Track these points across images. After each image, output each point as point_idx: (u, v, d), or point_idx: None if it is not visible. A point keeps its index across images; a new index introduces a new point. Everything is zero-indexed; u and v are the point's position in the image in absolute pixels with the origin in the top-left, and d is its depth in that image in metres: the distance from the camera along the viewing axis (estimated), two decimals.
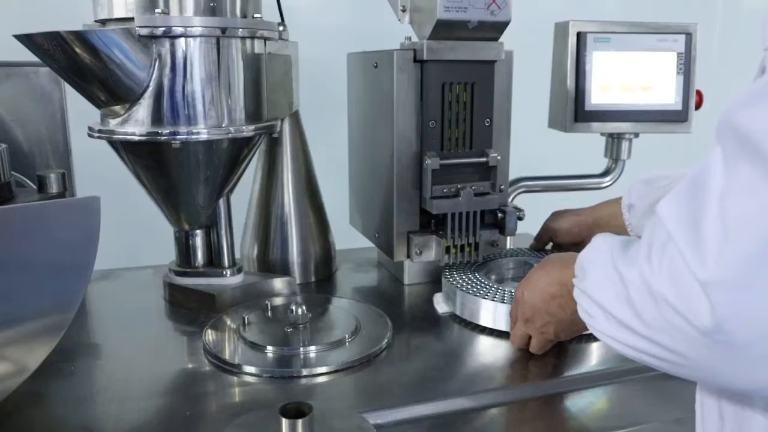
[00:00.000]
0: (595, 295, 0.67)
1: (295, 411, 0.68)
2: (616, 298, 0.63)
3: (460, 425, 0.81)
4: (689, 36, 1.27)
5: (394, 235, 1.14)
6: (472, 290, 1.06)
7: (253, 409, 0.78)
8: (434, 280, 1.26)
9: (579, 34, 1.26)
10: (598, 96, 1.28)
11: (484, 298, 1.03)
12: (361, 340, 0.98)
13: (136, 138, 0.99)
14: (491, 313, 1.02)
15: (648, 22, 1.28)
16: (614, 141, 1.37)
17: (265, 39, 1.09)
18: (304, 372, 0.90)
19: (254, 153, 1.15)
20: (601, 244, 0.70)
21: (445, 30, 1.05)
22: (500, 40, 1.10)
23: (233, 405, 0.85)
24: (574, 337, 0.95)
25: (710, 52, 2.09)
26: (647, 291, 0.57)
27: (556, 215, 1.25)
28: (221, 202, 1.15)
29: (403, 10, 1.12)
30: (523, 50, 1.16)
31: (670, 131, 1.32)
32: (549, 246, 1.27)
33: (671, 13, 1.43)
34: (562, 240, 1.22)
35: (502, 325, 1.00)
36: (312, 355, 0.94)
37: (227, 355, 0.94)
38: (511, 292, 1.02)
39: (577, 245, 1.15)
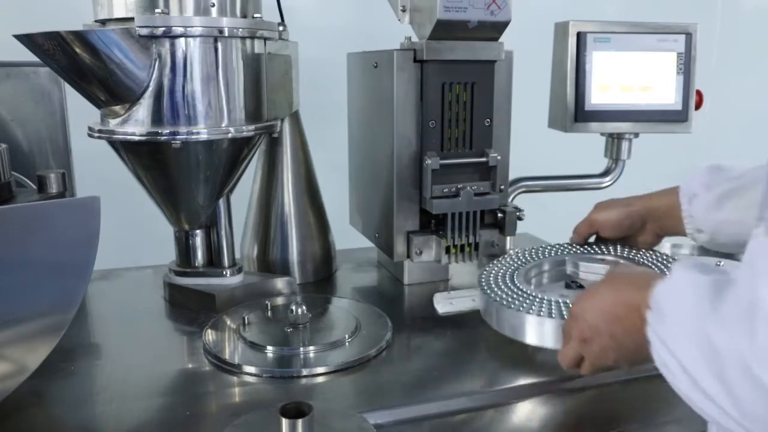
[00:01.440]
0: (678, 351, 0.58)
1: (295, 411, 0.68)
2: (704, 366, 0.54)
3: (460, 425, 0.81)
4: (689, 36, 1.27)
5: (394, 235, 1.14)
6: (513, 303, 0.90)
7: (253, 409, 0.78)
8: (434, 280, 1.26)
9: (579, 34, 1.26)
10: (598, 96, 1.28)
11: (528, 312, 0.87)
12: (361, 340, 0.98)
13: (136, 138, 0.99)
14: (536, 329, 0.86)
15: (648, 22, 1.28)
16: (614, 141, 1.37)
17: (265, 39, 1.09)
18: (304, 372, 0.90)
19: (254, 153, 1.15)
20: (684, 286, 0.60)
21: (445, 30, 1.05)
22: (500, 40, 1.10)
23: (233, 405, 0.85)
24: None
25: (710, 52, 2.09)
26: (747, 374, 0.49)
27: (602, 206, 1.10)
28: (221, 202, 1.15)
29: (403, 10, 1.12)
30: (523, 50, 1.16)
31: (670, 131, 1.32)
32: (592, 239, 1.13)
33: (671, 13, 1.43)
34: (610, 234, 1.09)
35: (550, 342, 0.85)
36: (312, 355, 0.94)
37: (227, 355, 0.94)
38: (558, 302, 0.87)
39: (627, 239, 1.08)
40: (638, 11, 1.82)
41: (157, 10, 0.96)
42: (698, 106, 1.32)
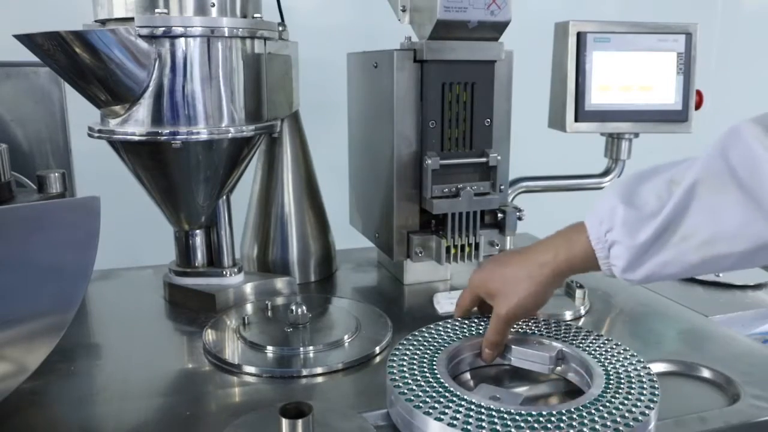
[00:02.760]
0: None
1: (295, 411, 0.68)
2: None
3: None
4: (689, 36, 1.28)
5: (394, 235, 1.14)
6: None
7: (253, 409, 0.78)
8: (434, 280, 1.26)
9: (579, 34, 1.26)
10: (598, 96, 1.28)
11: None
12: (361, 340, 0.98)
13: (136, 138, 0.99)
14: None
15: (648, 22, 1.28)
16: (614, 141, 1.37)
17: (265, 39, 1.09)
18: (304, 372, 0.90)
19: (254, 153, 1.15)
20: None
21: (445, 30, 1.05)
22: (500, 40, 1.10)
23: (233, 405, 0.85)
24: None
25: (710, 52, 2.09)
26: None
27: (491, 274, 0.92)
28: (221, 202, 1.15)
29: (403, 10, 1.12)
30: (523, 50, 1.16)
31: (670, 131, 1.32)
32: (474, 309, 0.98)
33: (671, 13, 1.43)
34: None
35: None
36: (312, 355, 0.94)
37: (227, 355, 0.94)
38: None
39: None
40: (638, 11, 1.82)
41: (157, 10, 0.96)
42: (698, 106, 1.32)
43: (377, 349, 0.96)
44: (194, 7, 0.99)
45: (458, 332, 0.91)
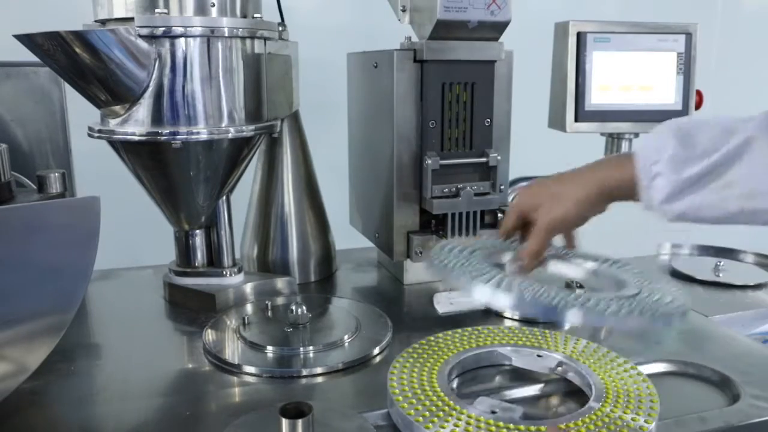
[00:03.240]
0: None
1: (295, 411, 0.68)
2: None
3: None
4: (689, 36, 1.27)
5: (394, 235, 1.14)
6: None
7: (253, 409, 0.78)
8: (434, 280, 1.26)
9: (579, 34, 1.26)
10: (598, 96, 1.28)
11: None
12: (361, 340, 0.98)
13: (136, 138, 0.99)
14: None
15: (648, 22, 1.28)
16: (614, 141, 1.37)
17: (265, 39, 1.09)
18: (304, 372, 0.90)
19: (254, 153, 1.15)
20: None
21: (445, 30, 1.05)
22: (500, 40, 1.10)
23: (233, 405, 0.85)
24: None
25: (710, 52, 2.09)
26: None
27: (538, 190, 0.93)
28: (221, 202, 1.15)
29: (403, 10, 1.12)
30: (523, 50, 1.16)
31: None
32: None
33: (671, 13, 1.43)
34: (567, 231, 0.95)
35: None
36: (312, 355, 0.94)
37: (227, 355, 0.94)
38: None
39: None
40: (638, 11, 1.82)
41: (157, 10, 0.96)
42: (698, 106, 1.32)
43: (377, 349, 0.96)
44: (194, 7, 0.99)
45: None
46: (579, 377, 0.85)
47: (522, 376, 0.89)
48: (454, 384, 0.86)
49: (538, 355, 0.90)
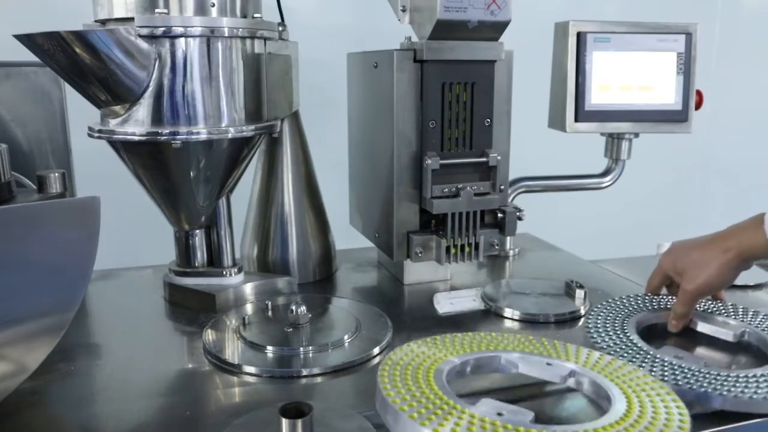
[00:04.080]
0: None
1: (295, 411, 0.68)
2: None
3: None
4: (689, 36, 1.28)
5: (394, 235, 1.14)
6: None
7: (253, 409, 0.78)
8: (434, 280, 1.26)
9: (579, 34, 1.26)
10: (598, 96, 1.28)
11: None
12: (361, 340, 0.98)
13: (136, 138, 0.99)
14: None
15: (648, 22, 1.28)
16: (614, 141, 1.37)
17: (265, 39, 1.09)
18: (304, 372, 0.90)
19: (254, 153, 1.15)
20: None
21: (445, 30, 1.05)
22: (500, 40, 1.10)
23: (233, 405, 0.85)
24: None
25: (710, 52, 2.09)
26: None
27: (679, 255, 1.02)
28: (221, 202, 1.15)
29: (403, 10, 1.12)
30: (523, 50, 1.16)
31: (670, 131, 1.32)
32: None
33: (671, 13, 1.43)
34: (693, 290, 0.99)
35: None
36: (312, 355, 0.94)
37: (227, 355, 0.94)
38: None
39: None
40: (638, 11, 1.82)
41: (157, 10, 0.96)
42: (698, 106, 1.32)
43: (377, 349, 0.96)
44: (194, 7, 0.99)
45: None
46: (594, 388, 0.77)
47: (528, 387, 0.83)
48: (452, 386, 0.75)
49: (548, 363, 0.81)
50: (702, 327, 0.99)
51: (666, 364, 0.83)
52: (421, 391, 0.70)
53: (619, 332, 0.93)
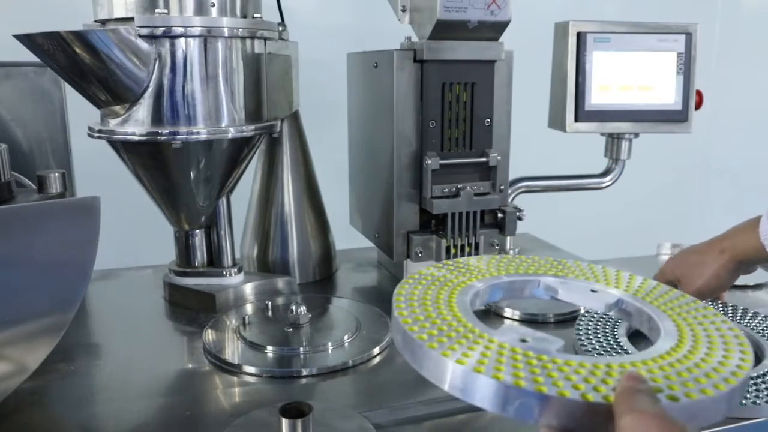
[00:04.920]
0: None
1: (295, 411, 0.68)
2: None
3: (460, 425, 0.81)
4: (689, 36, 1.27)
5: (394, 235, 1.14)
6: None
7: (253, 409, 0.78)
8: None
9: (579, 34, 1.26)
10: (598, 96, 1.28)
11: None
12: (361, 340, 0.98)
13: (136, 138, 0.99)
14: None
15: (648, 22, 1.28)
16: (614, 141, 1.37)
17: (265, 39, 1.09)
18: (304, 372, 0.90)
19: (254, 153, 1.15)
20: None
21: (445, 30, 1.05)
22: (500, 40, 1.10)
23: (233, 405, 0.85)
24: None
25: (710, 52, 2.09)
26: None
27: (680, 260, 1.03)
28: (221, 202, 1.15)
29: (403, 10, 1.12)
30: (523, 50, 1.16)
31: (670, 131, 1.32)
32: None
33: (671, 13, 1.43)
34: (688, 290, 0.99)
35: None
36: (312, 355, 0.94)
37: (227, 355, 0.94)
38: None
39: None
40: (638, 11, 1.82)
41: (157, 10, 0.96)
42: (698, 106, 1.32)
43: (377, 349, 0.96)
44: (194, 7, 0.99)
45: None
46: (643, 317, 0.66)
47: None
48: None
49: (592, 290, 0.70)
50: None
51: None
52: (442, 317, 0.60)
53: (609, 336, 0.93)
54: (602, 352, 0.87)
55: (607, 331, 0.95)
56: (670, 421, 0.44)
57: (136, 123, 1.00)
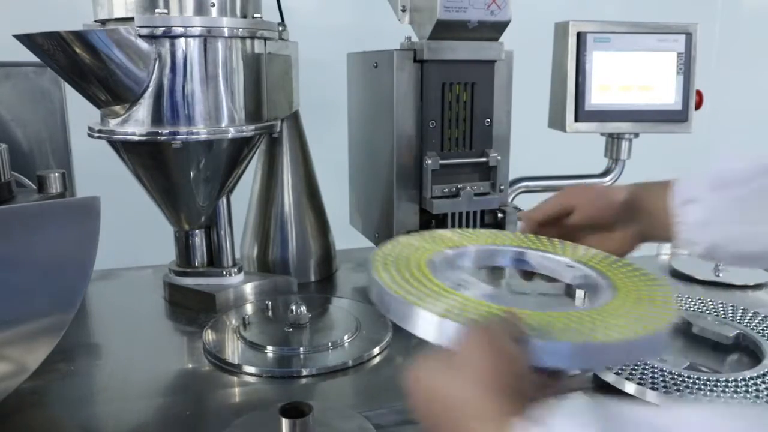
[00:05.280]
0: None
1: (295, 411, 0.68)
2: None
3: None
4: (689, 36, 1.28)
5: (394, 235, 1.14)
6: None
7: (253, 409, 0.78)
8: None
9: (579, 34, 1.26)
10: (598, 96, 1.28)
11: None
12: (361, 341, 0.98)
13: (136, 138, 0.99)
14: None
15: (648, 22, 1.28)
16: (614, 141, 1.37)
17: (265, 39, 1.09)
18: (304, 372, 0.90)
19: (254, 153, 1.15)
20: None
21: (445, 30, 1.05)
22: (500, 40, 1.10)
23: (233, 405, 0.85)
24: None
25: (710, 52, 2.09)
26: None
27: (576, 191, 0.88)
28: (221, 202, 1.15)
29: (403, 10, 1.12)
30: (523, 50, 1.16)
31: (670, 131, 1.32)
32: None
33: (671, 13, 1.43)
34: (580, 221, 0.85)
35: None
36: (312, 355, 0.94)
37: (227, 355, 0.94)
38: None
39: (596, 237, 0.85)
40: (638, 11, 1.82)
41: (157, 10, 0.96)
42: (698, 106, 1.32)
43: (377, 349, 0.96)
44: (194, 7, 0.99)
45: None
46: (588, 281, 0.73)
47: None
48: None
49: (569, 266, 0.76)
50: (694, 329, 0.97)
51: (647, 368, 0.82)
52: (413, 276, 0.69)
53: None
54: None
55: None
56: (503, 342, 0.53)
57: (136, 123, 1.00)
